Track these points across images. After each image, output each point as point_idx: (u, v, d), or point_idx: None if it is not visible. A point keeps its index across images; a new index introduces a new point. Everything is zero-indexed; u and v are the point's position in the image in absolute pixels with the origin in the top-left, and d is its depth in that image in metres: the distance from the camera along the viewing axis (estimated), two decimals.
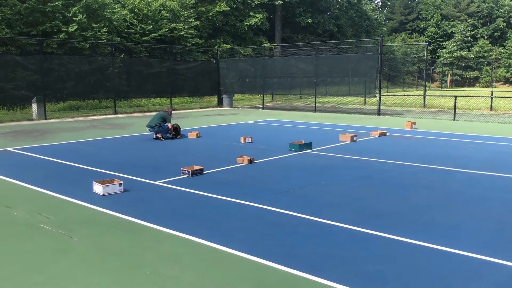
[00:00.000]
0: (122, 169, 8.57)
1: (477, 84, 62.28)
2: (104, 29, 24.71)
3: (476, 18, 67.66)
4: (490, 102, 23.05)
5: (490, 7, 66.67)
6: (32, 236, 5.14)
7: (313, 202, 6.46)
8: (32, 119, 18.11)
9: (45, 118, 18.38)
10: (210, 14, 35.86)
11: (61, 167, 8.96)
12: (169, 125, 12.61)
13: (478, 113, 20.28)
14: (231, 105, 25.99)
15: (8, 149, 10.99)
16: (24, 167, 9.00)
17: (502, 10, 67.10)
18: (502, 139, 12.71)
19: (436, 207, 6.24)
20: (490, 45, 64.63)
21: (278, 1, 43.32)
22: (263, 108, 24.87)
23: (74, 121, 17.91)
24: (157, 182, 7.58)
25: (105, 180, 7.01)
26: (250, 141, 12.10)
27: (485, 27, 67.56)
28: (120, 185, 6.93)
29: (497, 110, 21.90)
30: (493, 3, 66.81)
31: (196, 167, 8.19)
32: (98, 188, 6.84)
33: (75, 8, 23.61)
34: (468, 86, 60.12)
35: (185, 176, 7.99)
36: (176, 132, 12.97)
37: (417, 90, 47.84)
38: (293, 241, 4.95)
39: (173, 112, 16.01)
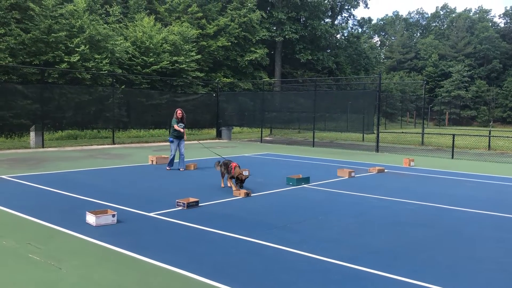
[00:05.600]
0: (116, 200, 8.46)
1: (475, 123, 62.76)
2: (106, 60, 24.99)
3: (473, 59, 68.90)
4: (488, 142, 23.12)
5: (487, 48, 68.03)
6: (20, 266, 5.00)
7: (309, 238, 6.34)
8: (30, 148, 18.05)
9: (43, 147, 18.33)
10: (211, 49, 36.46)
11: (55, 196, 8.85)
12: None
13: (476, 152, 20.30)
14: (229, 138, 26.03)
15: (3, 176, 10.89)
16: (18, 195, 8.89)
17: (498, 52, 68.47)
18: (500, 179, 12.66)
19: (434, 246, 6.12)
20: (487, 85, 65.55)
21: (279, 38, 44.14)
22: (261, 141, 24.90)
23: (71, 150, 17.85)
24: (151, 214, 7.46)
25: (98, 211, 6.90)
26: (247, 174, 12.01)
27: (482, 68, 68.71)
28: (113, 216, 6.82)
29: (495, 150, 21.94)
30: (489, 44, 68.21)
31: (192, 199, 8.10)
32: (91, 219, 6.72)
33: (78, 39, 23.96)
34: (466, 125, 60.55)
35: (180, 208, 7.88)
36: (240, 181, 9.64)
37: (415, 128, 48.13)
38: (288, 277, 4.82)
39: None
